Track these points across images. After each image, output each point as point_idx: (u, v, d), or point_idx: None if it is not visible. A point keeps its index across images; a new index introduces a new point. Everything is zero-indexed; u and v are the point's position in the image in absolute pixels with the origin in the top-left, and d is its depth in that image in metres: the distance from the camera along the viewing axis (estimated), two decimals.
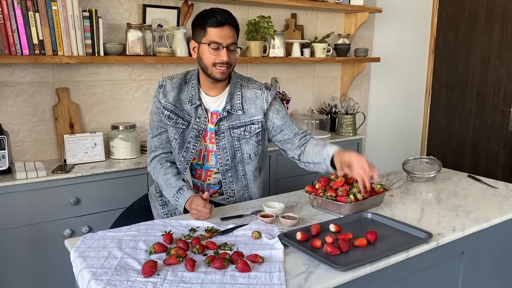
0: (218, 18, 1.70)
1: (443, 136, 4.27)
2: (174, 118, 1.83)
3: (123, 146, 2.49)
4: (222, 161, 1.85)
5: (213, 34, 1.71)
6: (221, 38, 1.71)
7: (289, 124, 1.89)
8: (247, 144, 1.86)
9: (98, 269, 1.26)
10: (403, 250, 1.40)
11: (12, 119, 2.40)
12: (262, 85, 1.89)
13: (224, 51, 1.71)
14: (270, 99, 1.85)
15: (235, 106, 1.82)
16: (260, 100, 1.84)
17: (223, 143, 1.83)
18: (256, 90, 1.86)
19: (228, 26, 1.71)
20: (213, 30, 1.70)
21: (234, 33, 1.74)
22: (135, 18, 2.67)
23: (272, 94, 1.88)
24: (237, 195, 1.90)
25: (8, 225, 2.07)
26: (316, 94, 3.58)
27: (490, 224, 1.68)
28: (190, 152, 1.84)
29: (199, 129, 1.83)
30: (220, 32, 1.70)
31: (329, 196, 1.72)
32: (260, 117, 1.84)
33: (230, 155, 1.85)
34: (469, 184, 2.16)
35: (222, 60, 1.72)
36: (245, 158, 1.87)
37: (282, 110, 1.90)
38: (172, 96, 1.84)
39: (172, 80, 1.87)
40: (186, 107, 1.83)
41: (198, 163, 1.89)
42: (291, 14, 3.31)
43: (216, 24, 1.70)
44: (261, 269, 1.27)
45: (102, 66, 2.61)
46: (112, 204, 2.31)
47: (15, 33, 2.16)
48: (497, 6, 3.76)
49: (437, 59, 4.23)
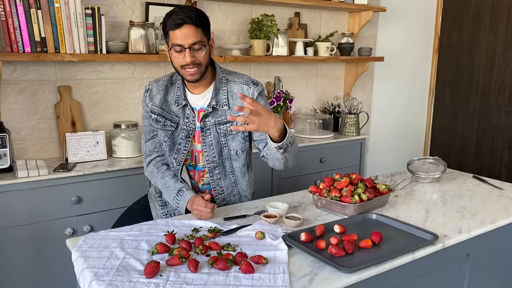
0: (175, 19, 1.63)
1: (447, 136, 4.24)
2: (162, 121, 1.81)
3: (125, 144, 2.47)
4: (209, 158, 1.82)
5: (173, 37, 1.65)
6: (181, 39, 1.64)
7: None
8: (234, 140, 1.82)
9: (100, 269, 1.24)
10: (408, 252, 1.38)
11: (13, 117, 2.38)
12: (249, 80, 1.83)
13: (187, 52, 1.64)
14: (256, 94, 1.80)
15: (220, 101, 1.78)
16: (246, 95, 1.76)
17: (209, 139, 1.80)
18: (242, 85, 1.80)
19: (187, 25, 1.62)
20: (173, 33, 1.65)
21: (196, 31, 1.64)
22: (137, 16, 2.65)
23: (259, 89, 1.81)
24: (226, 191, 1.87)
25: (9, 223, 2.06)
26: (319, 93, 3.56)
27: (496, 225, 1.66)
28: (182, 153, 1.82)
29: (188, 129, 1.80)
30: (179, 33, 1.63)
31: (333, 197, 1.70)
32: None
33: (217, 151, 1.82)
34: (474, 185, 2.14)
35: (186, 61, 1.66)
36: (232, 154, 1.84)
37: (266, 106, 1.82)
38: (158, 99, 1.81)
39: (158, 83, 1.85)
40: (174, 108, 1.81)
41: (191, 164, 1.87)
42: (295, 13, 3.29)
43: (174, 27, 1.63)
44: (265, 270, 1.25)
45: (105, 64, 2.59)
46: (114, 203, 2.29)
47: (17, 31, 2.15)
48: (502, 5, 3.74)
49: (441, 59, 4.21)
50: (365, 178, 1.83)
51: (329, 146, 3.11)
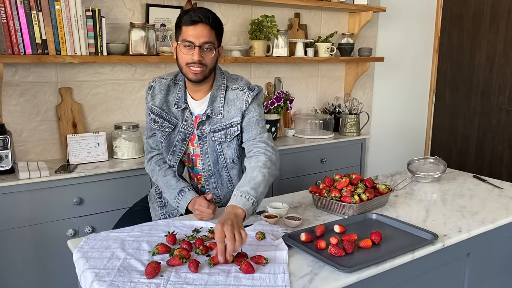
0: (192, 16, 1.62)
1: (447, 136, 4.25)
2: (160, 122, 1.80)
3: (126, 146, 2.48)
4: (205, 167, 1.81)
5: (186, 33, 1.64)
6: (194, 36, 1.63)
7: (250, 127, 1.74)
8: (229, 148, 1.78)
9: (101, 270, 1.25)
10: (408, 251, 1.39)
11: (15, 119, 2.39)
12: (246, 85, 1.77)
13: (196, 50, 1.63)
14: (250, 99, 1.74)
15: (215, 109, 1.75)
16: (240, 101, 1.74)
17: (206, 147, 1.78)
18: (237, 91, 1.75)
19: (202, 24, 1.62)
20: (186, 28, 1.64)
21: (210, 32, 1.64)
22: (138, 17, 2.66)
23: (253, 94, 1.75)
24: (224, 200, 1.86)
25: (11, 225, 2.07)
26: (320, 93, 3.56)
27: (496, 225, 1.67)
28: (176, 155, 1.81)
29: (185, 133, 1.79)
30: (193, 30, 1.63)
31: (333, 197, 1.70)
32: (238, 119, 1.74)
33: (212, 160, 1.79)
34: (474, 185, 2.15)
35: (193, 59, 1.64)
36: (228, 162, 1.81)
37: (255, 111, 1.75)
38: (159, 99, 1.80)
39: (161, 81, 1.83)
40: (173, 110, 1.80)
41: (189, 166, 1.87)
42: (295, 14, 3.30)
43: (189, 23, 1.63)
44: (265, 270, 1.26)
45: (105, 65, 2.60)
46: (115, 204, 2.30)
47: (18, 33, 2.16)
48: (502, 5, 3.74)
49: (441, 58, 4.21)
50: (365, 178, 1.84)
51: (330, 147, 3.11)
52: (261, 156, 1.65)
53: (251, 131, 1.74)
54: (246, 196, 1.50)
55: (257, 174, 1.58)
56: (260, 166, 1.60)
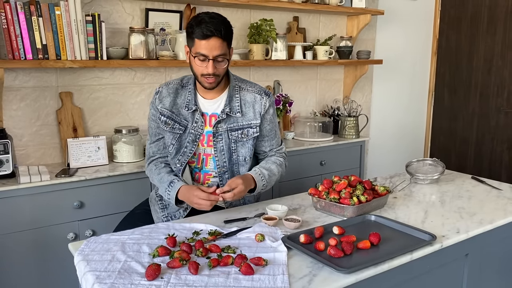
0: (204, 30, 1.66)
1: (446, 138, 4.26)
2: (171, 124, 1.84)
3: (126, 149, 2.49)
4: (219, 163, 1.86)
5: (199, 46, 1.70)
6: (207, 50, 1.69)
7: (271, 137, 1.93)
8: (243, 147, 1.87)
9: (102, 272, 1.26)
10: (407, 252, 1.40)
11: (16, 124, 2.41)
12: (261, 90, 1.90)
13: (210, 63, 1.70)
14: (267, 105, 1.88)
15: (234, 108, 1.83)
16: (258, 105, 1.86)
17: (221, 145, 1.84)
18: (255, 95, 1.87)
19: (214, 38, 1.68)
20: (199, 42, 1.69)
21: (222, 44, 1.71)
22: (137, 22, 2.68)
23: (271, 100, 1.90)
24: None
25: (12, 228, 2.08)
26: (319, 96, 3.58)
27: (495, 226, 1.68)
28: (186, 156, 1.85)
29: (196, 134, 1.83)
30: (206, 44, 1.68)
31: (332, 199, 1.71)
32: (258, 122, 1.86)
33: (228, 157, 1.86)
34: (473, 186, 2.16)
35: (208, 72, 1.72)
36: (241, 160, 1.88)
37: (274, 120, 1.93)
38: (168, 102, 1.85)
39: (168, 86, 1.88)
40: (183, 112, 1.84)
41: (197, 167, 1.89)
42: (293, 17, 3.32)
43: (201, 37, 1.68)
44: (265, 272, 1.27)
45: (105, 70, 2.62)
46: (116, 207, 2.31)
47: (19, 38, 2.17)
48: (500, 7, 3.76)
49: (439, 61, 4.23)
50: (363, 180, 1.85)
51: (329, 149, 3.12)
52: (281, 159, 1.95)
53: (272, 139, 1.95)
54: (262, 178, 1.80)
55: (275, 168, 1.89)
56: (277, 164, 1.91)
